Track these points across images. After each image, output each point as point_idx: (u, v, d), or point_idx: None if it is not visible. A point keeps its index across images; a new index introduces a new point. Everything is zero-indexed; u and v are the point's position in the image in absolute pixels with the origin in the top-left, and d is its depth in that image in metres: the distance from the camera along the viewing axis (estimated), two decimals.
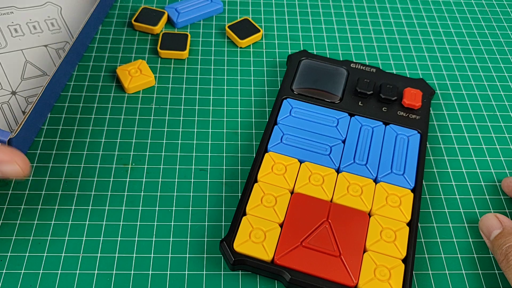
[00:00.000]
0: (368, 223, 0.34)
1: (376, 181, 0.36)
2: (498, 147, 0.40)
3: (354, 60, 0.45)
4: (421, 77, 0.45)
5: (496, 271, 0.34)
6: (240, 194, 0.36)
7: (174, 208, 0.35)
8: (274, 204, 0.34)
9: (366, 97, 0.40)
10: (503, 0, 0.53)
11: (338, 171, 0.36)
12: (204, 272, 0.33)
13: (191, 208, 0.35)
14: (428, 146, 0.40)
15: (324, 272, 0.31)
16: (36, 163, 0.37)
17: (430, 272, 0.34)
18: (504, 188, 0.37)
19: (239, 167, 0.38)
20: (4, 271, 0.32)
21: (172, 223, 0.35)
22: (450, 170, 0.39)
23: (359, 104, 0.40)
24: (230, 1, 0.50)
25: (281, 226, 0.33)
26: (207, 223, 0.35)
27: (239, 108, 0.41)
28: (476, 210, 0.37)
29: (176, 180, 0.37)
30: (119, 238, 0.34)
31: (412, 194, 0.35)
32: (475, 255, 0.34)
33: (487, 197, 0.38)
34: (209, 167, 0.38)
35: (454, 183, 0.38)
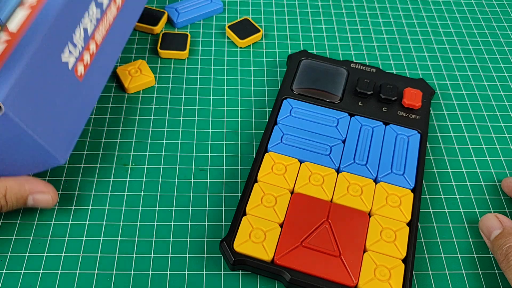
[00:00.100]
0: (368, 223, 0.33)
1: (376, 181, 0.36)
2: (498, 147, 0.40)
3: (354, 60, 0.45)
4: (421, 77, 0.45)
5: (496, 271, 0.34)
6: (240, 194, 0.36)
7: (174, 208, 0.35)
8: (274, 204, 0.34)
9: (366, 97, 0.40)
10: (503, 0, 0.53)
11: (338, 171, 0.36)
12: (204, 272, 0.33)
13: (191, 208, 0.35)
14: (428, 146, 0.40)
15: (324, 272, 0.31)
16: None
17: (430, 272, 0.34)
18: (504, 188, 0.37)
19: (239, 167, 0.38)
20: (4, 271, 0.32)
21: (172, 223, 0.35)
22: (450, 170, 0.39)
23: (359, 104, 0.40)
24: (230, 1, 0.50)
25: (281, 226, 0.33)
26: (207, 223, 0.35)
27: (239, 108, 0.41)
28: (476, 210, 0.37)
29: (176, 180, 0.37)
30: (119, 238, 0.34)
31: (412, 194, 0.35)
32: (475, 255, 0.34)
33: (487, 197, 0.38)
34: (209, 167, 0.38)
35: (454, 183, 0.38)
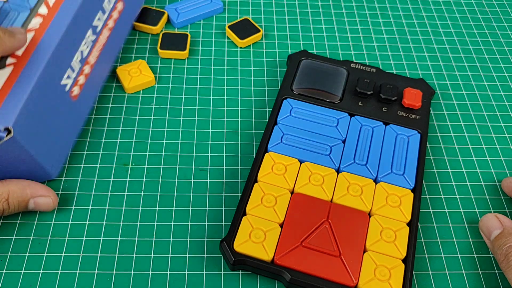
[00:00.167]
0: (368, 223, 0.33)
1: (376, 181, 0.36)
2: (498, 147, 0.40)
3: (354, 60, 0.45)
4: (421, 77, 0.45)
5: (496, 271, 0.34)
6: (240, 194, 0.36)
7: (174, 208, 0.35)
8: (274, 204, 0.34)
9: (366, 97, 0.40)
10: (503, 0, 0.53)
11: (338, 171, 0.36)
12: (204, 272, 0.33)
13: (191, 208, 0.35)
14: (428, 146, 0.40)
15: (324, 272, 0.31)
16: None
17: (430, 272, 0.34)
18: (504, 188, 0.37)
19: (239, 167, 0.38)
20: (4, 271, 0.32)
21: (172, 223, 0.35)
22: (450, 170, 0.39)
23: (359, 104, 0.40)
24: (230, 1, 0.50)
25: (281, 226, 0.33)
26: (207, 223, 0.35)
27: (239, 108, 0.41)
28: (476, 210, 0.37)
29: (176, 180, 0.37)
30: (119, 238, 0.34)
31: (412, 194, 0.35)
32: (475, 255, 0.34)
33: (487, 197, 0.38)
34: (209, 167, 0.38)
35: (454, 183, 0.38)
